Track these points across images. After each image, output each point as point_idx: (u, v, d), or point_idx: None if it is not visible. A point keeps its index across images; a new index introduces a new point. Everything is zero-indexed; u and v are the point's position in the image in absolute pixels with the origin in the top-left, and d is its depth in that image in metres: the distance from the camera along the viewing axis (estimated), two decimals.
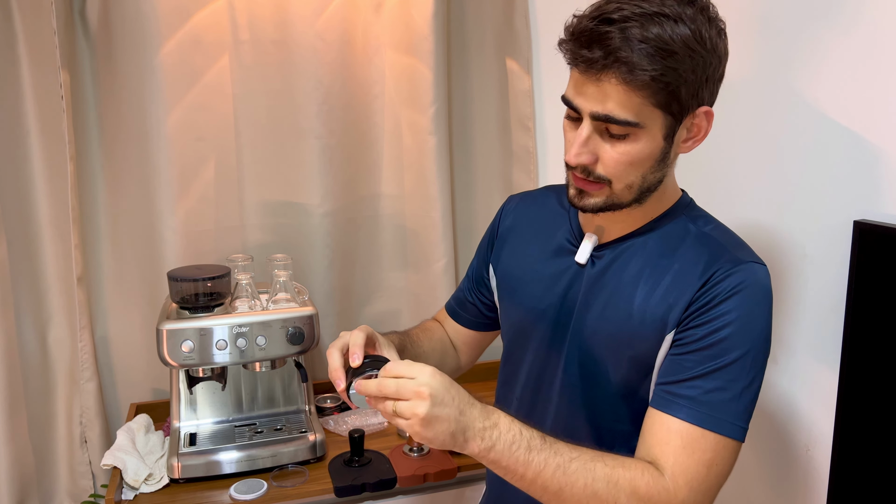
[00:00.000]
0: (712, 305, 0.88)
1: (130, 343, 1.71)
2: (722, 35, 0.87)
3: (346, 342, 0.94)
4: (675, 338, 0.91)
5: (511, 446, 0.82)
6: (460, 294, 1.23)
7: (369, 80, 1.74)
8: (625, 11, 0.82)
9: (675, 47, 0.81)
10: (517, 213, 1.14)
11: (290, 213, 1.75)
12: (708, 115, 0.89)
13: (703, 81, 0.85)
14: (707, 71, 0.85)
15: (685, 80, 0.83)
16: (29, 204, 1.55)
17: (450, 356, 1.22)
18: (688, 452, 0.87)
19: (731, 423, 0.88)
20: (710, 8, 0.86)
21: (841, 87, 1.10)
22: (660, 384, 0.92)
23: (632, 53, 0.81)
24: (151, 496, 1.39)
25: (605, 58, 0.82)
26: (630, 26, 0.81)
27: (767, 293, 0.90)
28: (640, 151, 0.87)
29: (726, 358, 0.88)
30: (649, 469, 0.86)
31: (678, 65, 0.82)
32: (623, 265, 0.97)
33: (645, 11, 0.81)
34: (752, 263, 0.90)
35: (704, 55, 0.84)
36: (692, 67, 0.83)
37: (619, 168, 0.88)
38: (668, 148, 0.89)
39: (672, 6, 0.82)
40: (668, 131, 0.87)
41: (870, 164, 1.06)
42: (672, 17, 0.82)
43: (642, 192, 0.91)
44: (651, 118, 0.85)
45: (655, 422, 0.90)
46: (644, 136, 0.86)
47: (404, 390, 0.81)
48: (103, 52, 1.59)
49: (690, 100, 0.86)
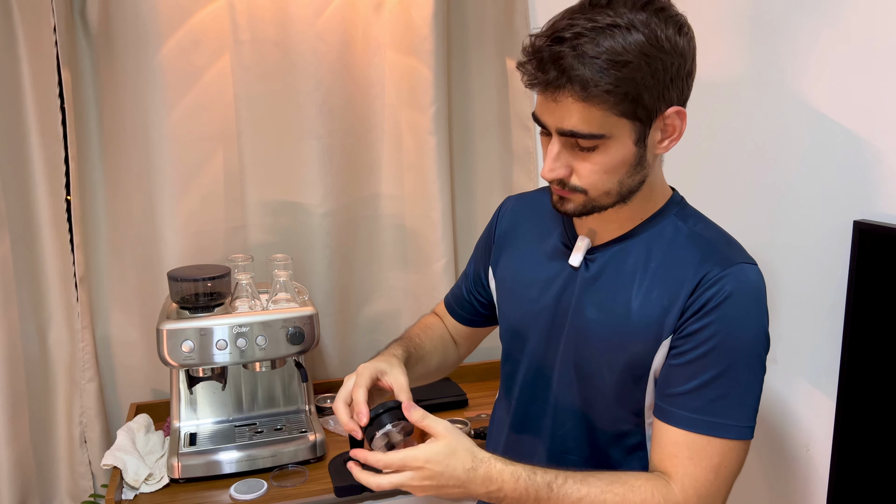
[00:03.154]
0: (706, 311, 0.89)
1: (130, 343, 1.71)
2: (682, 31, 0.85)
3: (349, 391, 0.95)
4: (671, 344, 0.91)
5: (518, 500, 0.87)
6: (458, 292, 1.23)
7: (369, 80, 1.74)
8: (576, 28, 0.82)
9: (628, 56, 0.81)
10: (514, 216, 1.15)
11: (290, 213, 1.75)
12: (680, 114, 0.88)
13: (667, 83, 0.85)
14: (670, 72, 0.84)
15: (645, 85, 0.83)
16: (29, 204, 1.55)
17: (451, 351, 1.24)
18: (695, 462, 0.88)
19: (737, 426, 0.88)
20: (667, 8, 0.85)
21: (841, 87, 1.10)
22: (661, 394, 0.93)
23: (584, 70, 0.81)
24: (151, 496, 1.39)
25: (558, 78, 0.82)
26: (582, 43, 0.81)
27: (760, 292, 0.90)
28: (613, 160, 0.87)
29: (724, 364, 0.88)
30: (659, 488, 0.88)
31: (634, 73, 0.82)
32: (616, 268, 0.97)
33: (596, 25, 0.81)
34: (742, 264, 0.90)
35: (663, 58, 0.83)
36: (651, 72, 0.83)
37: (593, 178, 0.89)
38: (643, 152, 0.89)
39: (624, 14, 0.82)
40: (639, 136, 0.87)
41: (869, 164, 1.06)
42: (624, 27, 0.81)
43: (622, 195, 0.92)
44: (617, 127, 0.85)
45: (662, 434, 0.91)
46: (613, 144, 0.86)
47: (404, 477, 0.87)
48: (103, 51, 1.59)
49: (657, 103, 0.85)
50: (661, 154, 0.93)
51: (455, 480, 0.86)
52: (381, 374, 0.98)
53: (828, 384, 1.15)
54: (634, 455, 0.99)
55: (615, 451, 1.01)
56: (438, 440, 0.87)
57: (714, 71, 0.98)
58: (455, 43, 1.81)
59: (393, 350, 1.06)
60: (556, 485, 0.86)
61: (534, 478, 0.86)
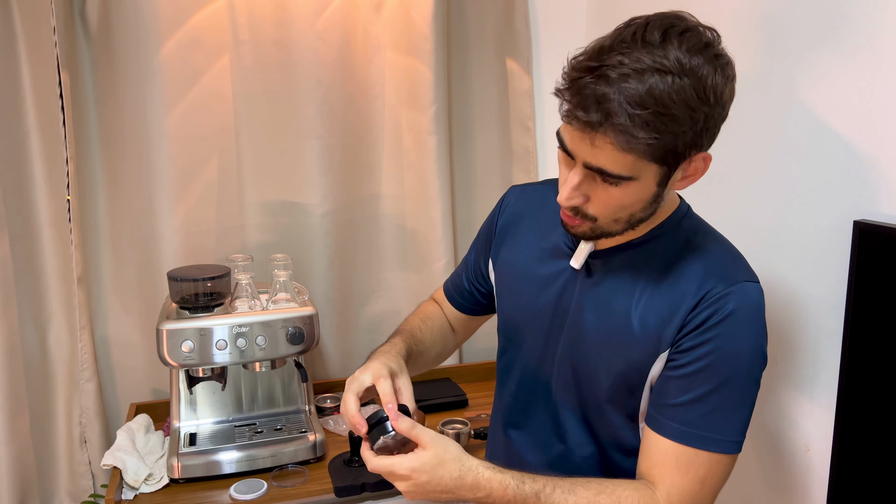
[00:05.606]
0: (705, 328, 0.89)
1: (130, 343, 1.71)
2: (729, 81, 0.82)
3: (361, 384, 0.95)
4: (669, 357, 0.91)
5: None
6: (458, 281, 1.24)
7: (369, 80, 1.74)
8: (625, 68, 0.77)
9: (674, 109, 0.77)
10: (516, 208, 1.14)
11: (290, 213, 1.75)
12: (706, 160, 0.87)
13: (703, 132, 0.82)
14: (709, 122, 0.82)
15: (682, 133, 0.80)
16: (29, 204, 1.55)
17: (449, 339, 1.25)
18: (682, 472, 0.89)
19: (726, 440, 0.89)
20: (722, 55, 0.81)
21: (841, 87, 1.10)
22: (655, 403, 0.93)
23: (628, 121, 0.77)
24: (151, 496, 1.39)
25: (601, 122, 0.78)
26: (629, 87, 0.77)
27: (761, 311, 0.90)
28: (632, 196, 0.86)
29: (718, 380, 0.89)
30: (646, 498, 0.89)
31: (676, 126, 0.79)
32: (618, 275, 0.97)
33: (646, 67, 0.77)
34: (745, 283, 0.90)
35: (706, 110, 0.80)
36: (692, 124, 0.80)
37: (608, 210, 0.88)
38: (661, 191, 0.87)
39: (678, 59, 0.77)
40: (662, 178, 0.85)
41: (869, 164, 1.06)
42: (675, 73, 0.77)
43: (631, 224, 0.91)
44: (645, 170, 0.83)
45: (651, 442, 0.92)
46: (637, 185, 0.85)
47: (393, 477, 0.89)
48: (103, 52, 1.59)
49: (688, 150, 0.83)
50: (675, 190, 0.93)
51: (443, 487, 0.88)
52: (394, 376, 0.98)
53: (828, 384, 1.15)
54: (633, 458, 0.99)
55: (615, 452, 1.01)
56: (426, 450, 0.88)
57: None
58: (455, 43, 1.81)
59: (397, 346, 1.06)
60: (545, 494, 0.87)
61: (522, 487, 0.87)
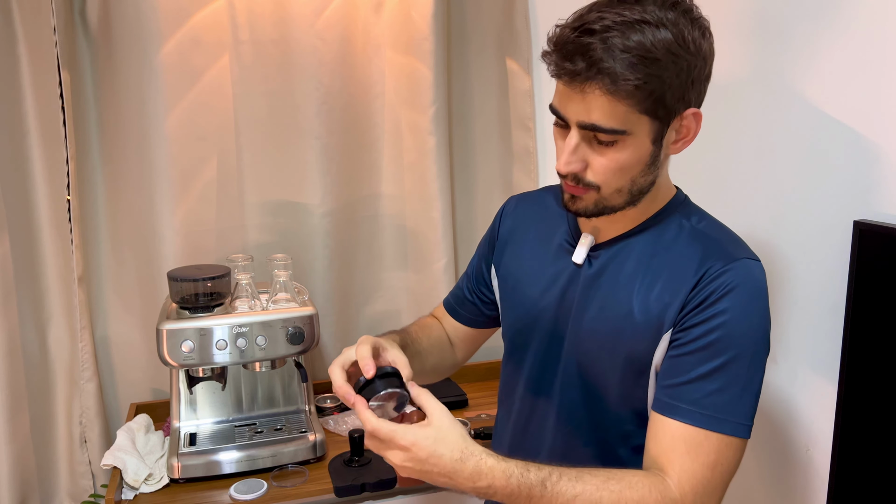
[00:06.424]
0: (707, 304, 0.89)
1: (130, 343, 1.71)
2: (706, 35, 0.87)
3: (348, 358, 0.93)
4: (672, 337, 0.91)
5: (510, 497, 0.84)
6: (459, 292, 1.23)
7: (369, 80, 1.74)
8: (606, 21, 0.82)
9: (657, 54, 0.82)
10: (517, 215, 1.15)
11: (290, 213, 1.75)
12: (696, 116, 0.89)
13: (688, 84, 0.85)
14: (692, 73, 0.85)
15: (669, 85, 0.84)
16: (29, 204, 1.55)
17: (447, 353, 1.22)
18: (692, 456, 0.87)
19: (735, 422, 0.88)
20: (693, 10, 0.86)
21: (841, 87, 1.10)
22: (660, 385, 0.92)
23: (614, 63, 0.81)
24: (151, 496, 1.39)
25: (587, 69, 0.82)
26: (611, 36, 0.81)
27: (762, 289, 0.90)
28: (629, 157, 0.87)
29: (724, 357, 0.88)
30: (656, 485, 0.86)
31: (661, 71, 0.82)
32: (619, 265, 0.97)
33: (626, 19, 0.82)
34: (745, 260, 0.90)
35: (688, 58, 0.84)
36: (676, 72, 0.83)
37: (608, 174, 0.89)
38: (658, 151, 0.89)
39: (653, 12, 0.82)
40: (656, 135, 0.87)
41: (869, 164, 1.06)
42: (653, 24, 0.82)
43: (633, 195, 0.92)
44: (638, 124, 0.85)
45: (659, 427, 0.91)
46: (632, 142, 0.86)
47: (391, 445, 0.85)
48: (103, 52, 1.59)
49: (677, 103, 0.86)
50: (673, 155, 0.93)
51: (440, 469, 0.83)
52: (381, 348, 0.95)
53: (828, 384, 1.15)
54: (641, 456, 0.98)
55: (622, 449, 1.01)
56: (431, 422, 0.85)
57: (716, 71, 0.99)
58: (455, 43, 1.81)
59: (390, 336, 1.05)
60: (551, 482, 0.83)
61: (527, 475, 0.83)
